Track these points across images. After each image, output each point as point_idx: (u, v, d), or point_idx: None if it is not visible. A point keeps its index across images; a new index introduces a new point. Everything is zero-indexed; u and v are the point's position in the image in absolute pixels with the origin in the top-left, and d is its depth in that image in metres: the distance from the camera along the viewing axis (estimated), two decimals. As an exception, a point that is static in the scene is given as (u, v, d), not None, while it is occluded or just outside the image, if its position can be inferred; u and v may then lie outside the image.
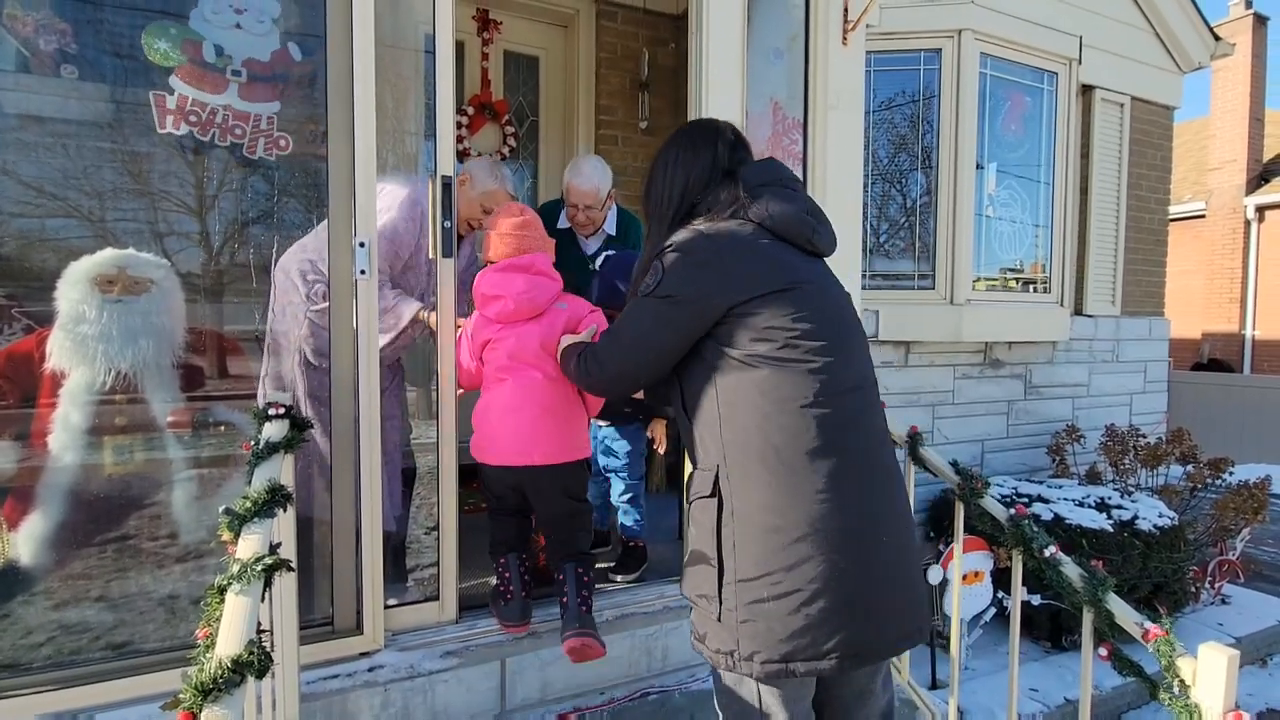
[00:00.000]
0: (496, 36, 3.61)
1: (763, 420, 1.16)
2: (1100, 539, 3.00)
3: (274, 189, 1.95)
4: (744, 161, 1.35)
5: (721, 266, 1.20)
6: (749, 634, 1.14)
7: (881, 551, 1.16)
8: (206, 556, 1.80)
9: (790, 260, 1.24)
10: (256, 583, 1.06)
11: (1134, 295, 4.39)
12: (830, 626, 1.12)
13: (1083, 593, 1.48)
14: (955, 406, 3.75)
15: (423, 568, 2.21)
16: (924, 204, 3.61)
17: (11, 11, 1.71)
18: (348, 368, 1.80)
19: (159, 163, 1.78)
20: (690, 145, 1.35)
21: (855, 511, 1.15)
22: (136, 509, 1.74)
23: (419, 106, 2.16)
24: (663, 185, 1.35)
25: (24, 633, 1.61)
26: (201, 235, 1.88)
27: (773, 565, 1.13)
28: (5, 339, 1.81)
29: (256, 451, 1.36)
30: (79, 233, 1.75)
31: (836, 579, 1.12)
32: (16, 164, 1.70)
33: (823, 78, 2.41)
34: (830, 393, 1.17)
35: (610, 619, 2.08)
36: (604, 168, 2.57)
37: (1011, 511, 1.66)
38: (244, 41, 1.78)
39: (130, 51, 1.72)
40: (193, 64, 1.74)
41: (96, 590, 1.70)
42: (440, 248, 1.89)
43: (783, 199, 1.27)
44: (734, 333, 1.20)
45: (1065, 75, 3.88)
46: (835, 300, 1.28)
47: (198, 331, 1.82)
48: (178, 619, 1.74)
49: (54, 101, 1.74)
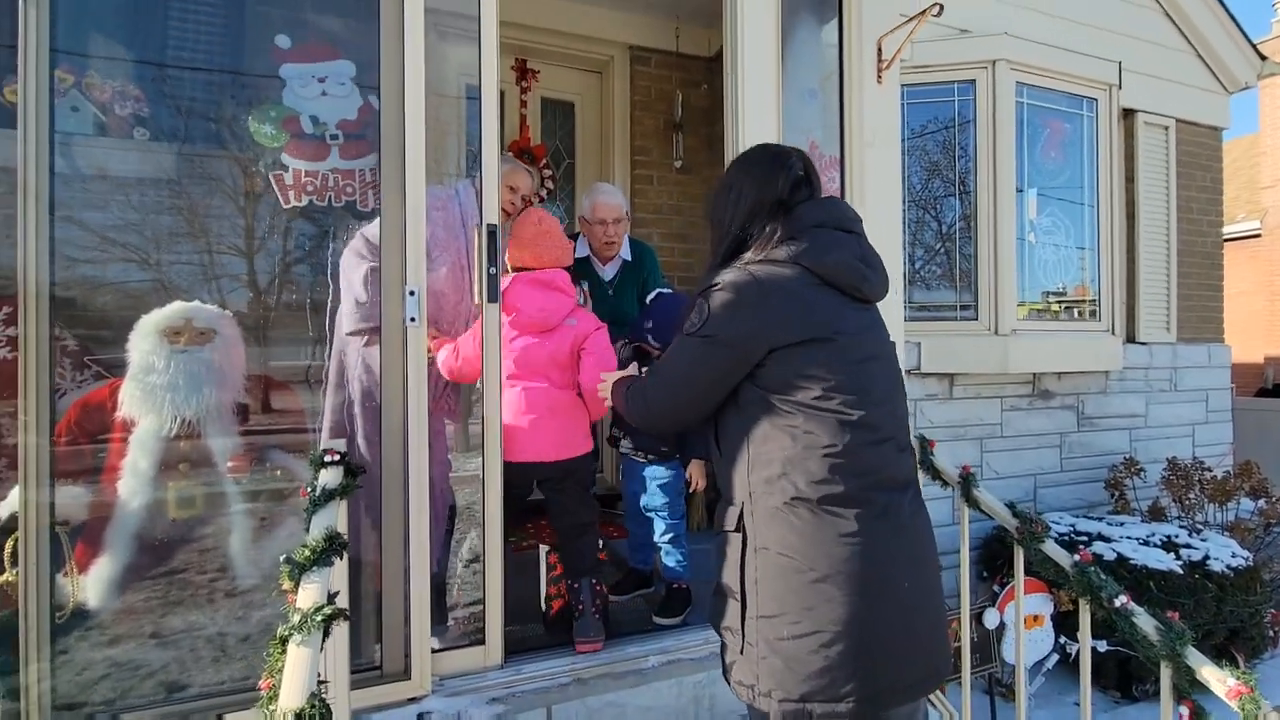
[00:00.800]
0: (534, 85, 3.74)
1: (790, 464, 1.17)
2: (1169, 581, 2.84)
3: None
4: (808, 196, 1.32)
5: (765, 311, 1.21)
6: (768, 670, 1.16)
7: (903, 596, 1.17)
8: (260, 595, 1.83)
9: (835, 308, 1.24)
10: (316, 633, 1.08)
11: (1190, 321, 4.23)
12: (848, 669, 1.12)
13: (1160, 646, 1.40)
14: (1004, 440, 3.64)
15: (463, 606, 2.22)
16: (960, 230, 3.56)
17: (90, 81, 1.86)
18: (397, 413, 1.84)
19: (293, 228, 1.94)
20: (757, 174, 1.33)
21: (877, 558, 1.16)
22: (198, 551, 1.79)
23: (459, 148, 2.27)
24: (725, 206, 1.34)
25: (91, 673, 1.66)
26: (304, 285, 2.00)
27: (793, 605, 1.14)
28: (74, 385, 1.91)
29: (313, 498, 1.40)
30: (183, 287, 1.88)
31: (856, 623, 1.13)
32: (150, 225, 1.85)
33: (858, 116, 2.42)
34: (861, 443, 1.18)
35: (656, 665, 2.04)
36: (618, 190, 2.74)
37: (1075, 558, 1.59)
38: (332, 106, 1.90)
39: (247, 137, 1.87)
40: (296, 138, 1.86)
41: (157, 630, 1.74)
42: (486, 293, 1.94)
43: (834, 244, 1.26)
44: (771, 376, 1.21)
45: (1105, 100, 3.82)
46: (876, 351, 1.27)
47: (260, 378, 1.89)
48: (235, 659, 1.77)
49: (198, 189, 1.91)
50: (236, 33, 1.99)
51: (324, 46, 1.98)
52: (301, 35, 1.96)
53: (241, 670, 1.77)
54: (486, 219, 1.94)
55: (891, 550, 1.18)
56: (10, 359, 2.14)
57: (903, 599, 1.17)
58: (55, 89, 1.67)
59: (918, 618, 1.19)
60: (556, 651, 2.08)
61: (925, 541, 1.25)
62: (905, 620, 1.17)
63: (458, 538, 2.34)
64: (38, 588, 1.55)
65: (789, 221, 1.27)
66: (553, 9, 3.55)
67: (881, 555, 1.16)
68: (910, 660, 1.17)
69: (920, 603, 1.20)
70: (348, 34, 2.00)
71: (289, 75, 1.93)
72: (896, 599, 1.16)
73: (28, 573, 1.54)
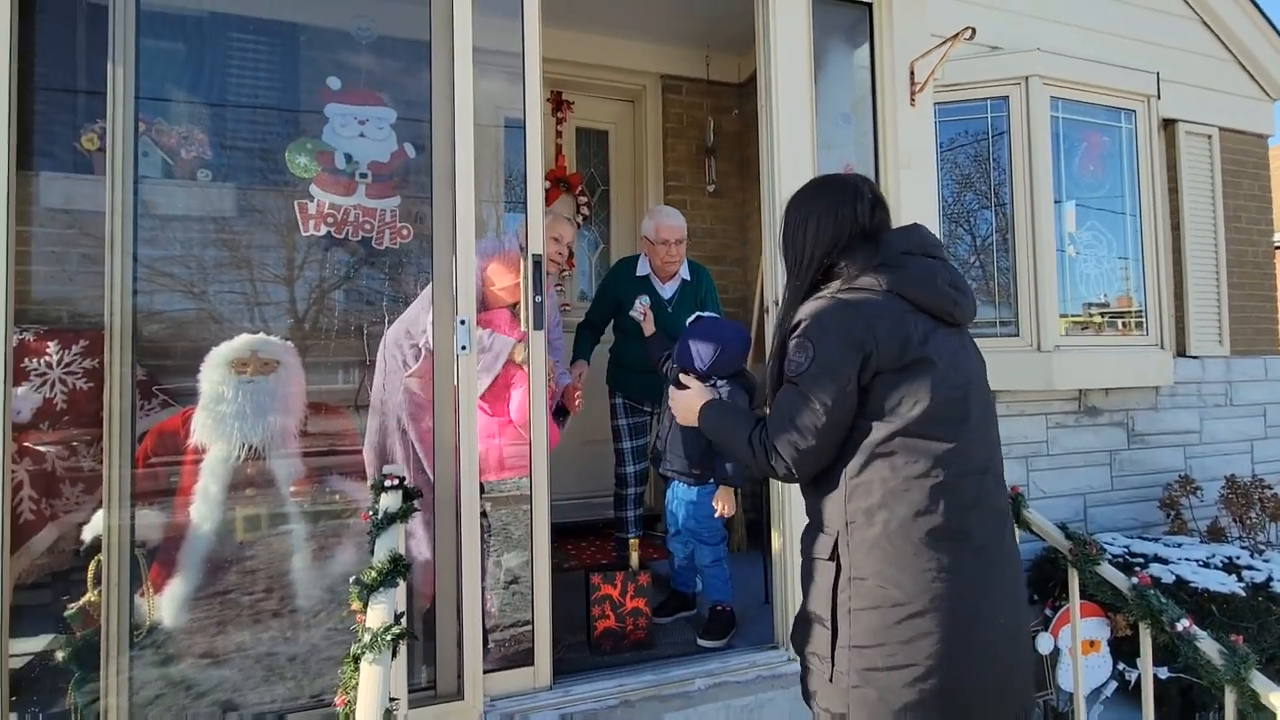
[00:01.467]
0: (569, 115, 3.86)
1: (891, 495, 1.16)
2: (1231, 604, 2.72)
3: (399, 272, 2.17)
4: (885, 222, 1.32)
5: (869, 336, 1.19)
6: (859, 700, 1.15)
7: (997, 633, 1.16)
8: (321, 614, 1.90)
9: (928, 332, 1.22)
10: (386, 651, 1.12)
11: (1244, 333, 4.09)
12: (942, 705, 1.12)
13: (1224, 670, 1.36)
14: (1050, 458, 3.55)
15: (503, 629, 2.25)
16: (996, 243, 3.53)
17: (162, 129, 2.01)
18: (449, 438, 1.91)
19: (307, 257, 2.03)
20: (831, 204, 1.31)
21: (974, 594, 1.15)
22: (264, 572, 1.87)
23: (497, 176, 2.38)
24: (802, 239, 1.31)
25: (168, 690, 1.73)
26: (337, 315, 2.11)
27: (889, 638, 1.13)
28: (145, 414, 2.03)
29: (376, 522, 1.46)
30: (229, 317, 2.00)
31: (951, 659, 1.12)
32: (177, 261, 1.97)
33: (892, 139, 2.45)
34: (959, 473, 1.17)
35: (703, 688, 2.04)
36: (676, 212, 2.82)
37: (1134, 580, 1.55)
38: (367, 147, 2.01)
39: (278, 166, 1.98)
40: (326, 172, 1.98)
41: (226, 649, 1.82)
42: (532, 321, 2.01)
43: (924, 270, 1.26)
44: (871, 402, 1.20)
45: (1144, 112, 3.77)
46: (970, 376, 1.25)
47: (318, 405, 1.98)
48: (298, 679, 1.83)
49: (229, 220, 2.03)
50: (291, 75, 2.13)
51: (370, 92, 2.10)
52: (351, 79, 2.09)
53: (293, 689, 1.82)
54: (532, 249, 2.01)
55: (989, 585, 1.17)
56: (85, 390, 2.28)
57: (997, 635, 1.16)
58: (138, 136, 1.80)
59: (1010, 654, 1.18)
60: (603, 673, 2.09)
61: (1019, 575, 1.25)
62: (998, 657, 1.16)
63: (494, 559, 2.39)
64: (119, 607, 1.64)
65: (877, 249, 1.26)
66: (586, 43, 3.67)
67: (980, 590, 1.16)
68: (1002, 697, 1.17)
69: (1013, 638, 1.19)
70: (394, 80, 2.13)
71: (332, 114, 2.05)
72: (992, 635, 1.16)
73: (109, 593, 1.63)
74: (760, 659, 2.17)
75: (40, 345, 2.20)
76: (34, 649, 1.86)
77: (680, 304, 2.82)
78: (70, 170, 2.31)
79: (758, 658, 2.18)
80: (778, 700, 2.06)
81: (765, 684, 2.08)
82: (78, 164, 2.32)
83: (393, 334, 2.14)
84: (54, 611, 1.90)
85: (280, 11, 2.07)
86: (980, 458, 1.21)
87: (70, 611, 1.70)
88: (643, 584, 2.30)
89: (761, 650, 2.23)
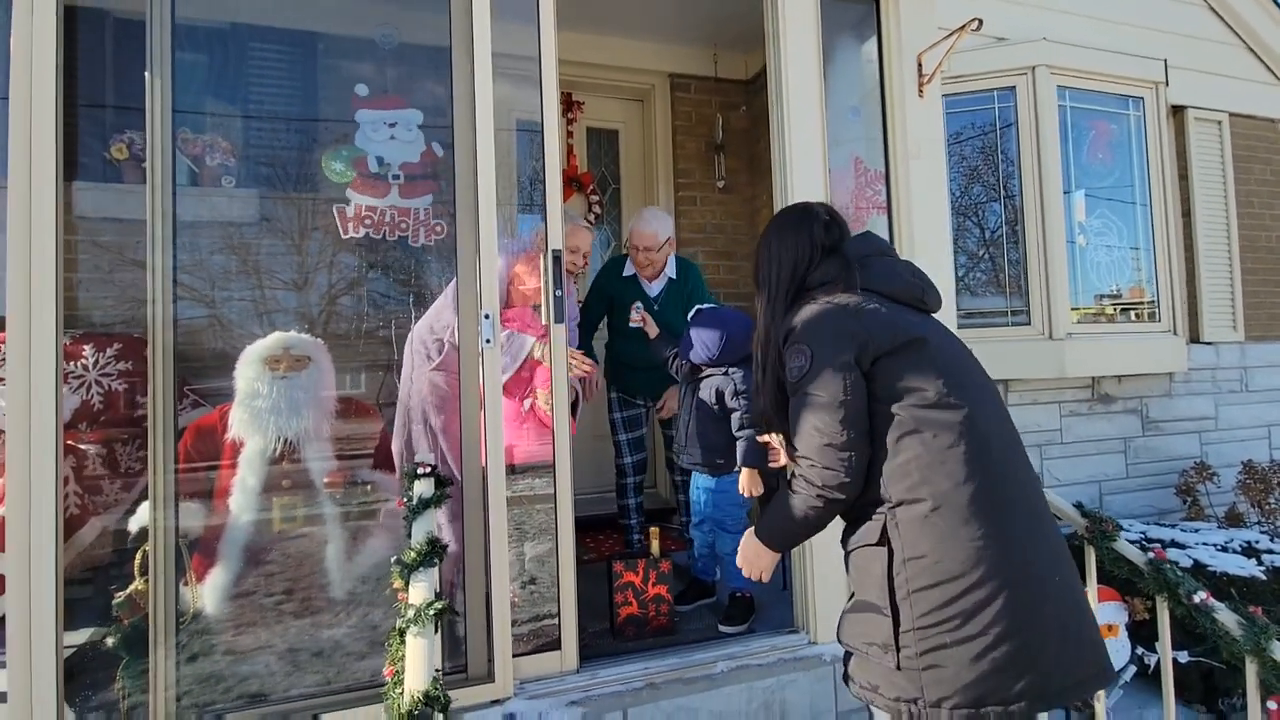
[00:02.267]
0: (579, 115, 3.92)
1: (929, 470, 1.19)
2: (1252, 587, 2.73)
3: (435, 268, 2.25)
4: (843, 237, 1.43)
5: (858, 325, 1.26)
6: (934, 680, 1.14)
7: (1054, 591, 1.17)
8: (352, 603, 1.96)
9: (910, 318, 1.31)
10: (429, 625, 1.18)
11: (1259, 319, 4.08)
12: (1017, 669, 1.12)
13: (1243, 641, 1.39)
14: (1064, 446, 3.56)
15: (524, 622, 2.30)
16: (1006, 234, 3.55)
17: (205, 139, 2.08)
18: (475, 429, 1.96)
19: (346, 259, 2.11)
20: (790, 230, 1.44)
21: (1027, 555, 1.17)
22: (300, 561, 1.94)
23: (512, 178, 2.43)
24: (769, 268, 1.43)
25: (213, 674, 1.81)
26: (376, 312, 2.18)
27: (952, 611, 1.14)
28: (177, 413, 2.10)
29: (411, 507, 1.52)
30: (269, 318, 2.08)
31: (1018, 623, 1.13)
32: (222, 263, 2.05)
33: (901, 130, 2.49)
34: (984, 437, 1.21)
35: (725, 670, 2.09)
36: (663, 216, 2.85)
37: (1150, 555, 1.59)
38: (398, 149, 2.09)
39: (314, 173, 2.06)
40: (361, 176, 2.05)
41: (268, 635, 1.89)
42: (553, 315, 2.06)
43: (886, 267, 1.37)
44: (880, 387, 1.24)
45: (1152, 99, 3.78)
46: (962, 351, 1.33)
47: (351, 400, 2.05)
48: (334, 662, 1.90)
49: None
50: (321, 83, 2.20)
51: (396, 96, 2.18)
52: (378, 85, 2.16)
53: (331, 671, 1.89)
54: (552, 245, 2.07)
55: (1037, 544, 1.19)
56: (120, 391, 2.36)
57: (1055, 594, 1.17)
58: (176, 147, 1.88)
59: (1073, 612, 1.19)
60: (627, 658, 2.14)
61: (1059, 532, 1.26)
62: (1062, 615, 1.17)
63: (518, 548, 2.44)
64: (164, 594, 1.71)
65: (839, 260, 1.37)
66: (595, 45, 3.73)
67: (1031, 550, 1.17)
68: (1078, 657, 1.17)
69: (1071, 597, 1.21)
70: (418, 84, 2.20)
71: (363, 120, 2.12)
72: (1050, 594, 1.17)
73: (156, 581, 1.70)
74: (781, 642, 2.22)
75: (77, 348, 2.29)
76: (80, 640, 1.94)
77: (667, 303, 2.88)
78: (101, 180, 2.40)
79: (778, 641, 2.22)
80: (799, 682, 2.10)
81: (787, 666, 2.12)
82: (107, 174, 2.41)
83: (418, 330, 2.20)
84: (96, 604, 1.98)
85: (306, 22, 2.15)
86: (998, 425, 1.25)
87: (119, 600, 1.77)
88: (664, 571, 2.35)
89: (782, 634, 2.27)
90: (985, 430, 1.22)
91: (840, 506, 1.26)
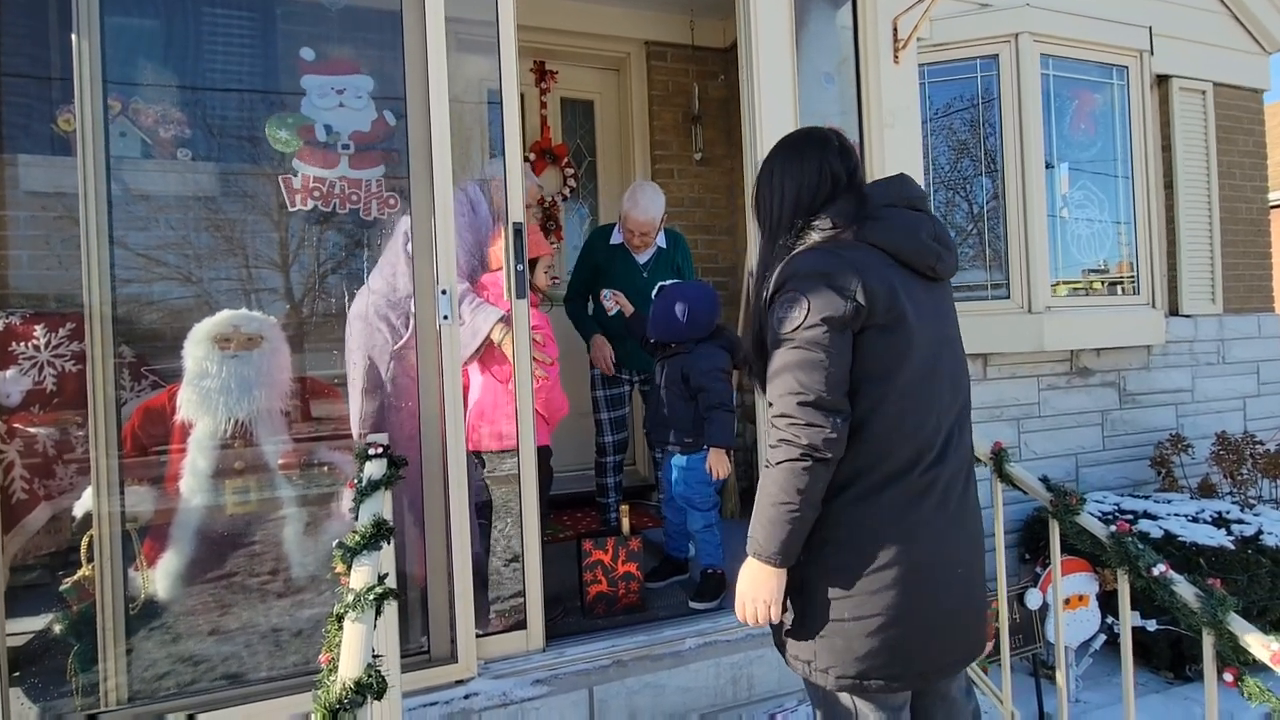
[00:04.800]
0: (553, 85, 3.81)
1: (857, 448, 1.16)
2: (1221, 557, 2.76)
3: (388, 243, 2.15)
4: (855, 168, 1.28)
5: (855, 284, 1.15)
6: (826, 649, 1.20)
7: (957, 583, 1.22)
8: (312, 584, 1.93)
9: (908, 288, 1.19)
10: (369, 610, 1.14)
11: (1237, 291, 4.08)
12: (904, 653, 1.18)
13: (1201, 614, 1.38)
14: (1042, 419, 3.57)
15: (505, 599, 2.29)
16: (991, 209, 3.51)
17: (137, 106, 1.98)
18: (435, 404, 1.92)
19: (294, 233, 2.01)
20: (796, 153, 1.28)
21: (941, 544, 1.20)
22: (254, 545, 1.90)
23: (483, 151, 2.34)
24: (770, 197, 1.28)
25: (164, 660, 1.77)
26: (326, 289, 2.10)
27: (859, 590, 1.17)
28: (135, 395, 2.04)
29: (360, 489, 1.47)
30: (215, 295, 2.00)
31: (914, 610, 1.18)
32: (153, 239, 1.96)
33: (875, 97, 2.42)
34: (926, 428, 1.19)
35: (694, 647, 2.08)
36: (658, 197, 2.75)
37: (1112, 528, 1.57)
38: (348, 117, 2.00)
39: (259, 141, 1.96)
40: (309, 146, 1.96)
41: (220, 620, 1.85)
42: (514, 289, 2.00)
43: (906, 222, 1.23)
44: (855, 360, 1.17)
45: (1136, 68, 3.71)
46: (945, 334, 1.27)
47: (307, 379, 1.99)
48: (306, 646, 1.87)
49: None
50: (267, 49, 2.09)
51: (345, 61, 2.07)
52: (325, 49, 2.05)
53: (286, 656, 1.86)
54: (512, 217, 2.00)
55: (952, 537, 1.21)
56: (74, 372, 2.28)
57: (957, 586, 1.22)
58: (108, 116, 1.78)
59: (967, 603, 1.24)
60: (596, 635, 2.13)
61: (979, 528, 1.29)
62: (957, 606, 1.22)
63: (496, 536, 2.41)
64: (112, 580, 1.67)
65: (860, 202, 1.23)
66: (567, 10, 3.61)
67: (945, 543, 1.20)
68: (956, 644, 1.24)
69: (971, 589, 1.25)
70: (369, 49, 2.09)
71: (309, 86, 2.02)
72: (952, 586, 1.21)
73: (102, 566, 1.66)
74: (750, 619, 2.21)
75: (27, 329, 2.20)
76: (36, 626, 1.89)
77: (656, 270, 2.84)
78: (49, 152, 2.28)
79: (748, 618, 2.21)
80: (767, 657, 2.10)
81: (755, 642, 2.11)
82: (56, 146, 2.30)
83: (365, 307, 2.11)
84: (54, 590, 1.93)
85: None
86: (953, 412, 1.23)
87: (65, 586, 1.73)
88: (634, 549, 2.33)
89: (752, 611, 2.26)
90: (939, 420, 1.20)
91: (828, 472, 1.14)
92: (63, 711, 1.71)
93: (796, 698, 2.10)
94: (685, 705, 2.01)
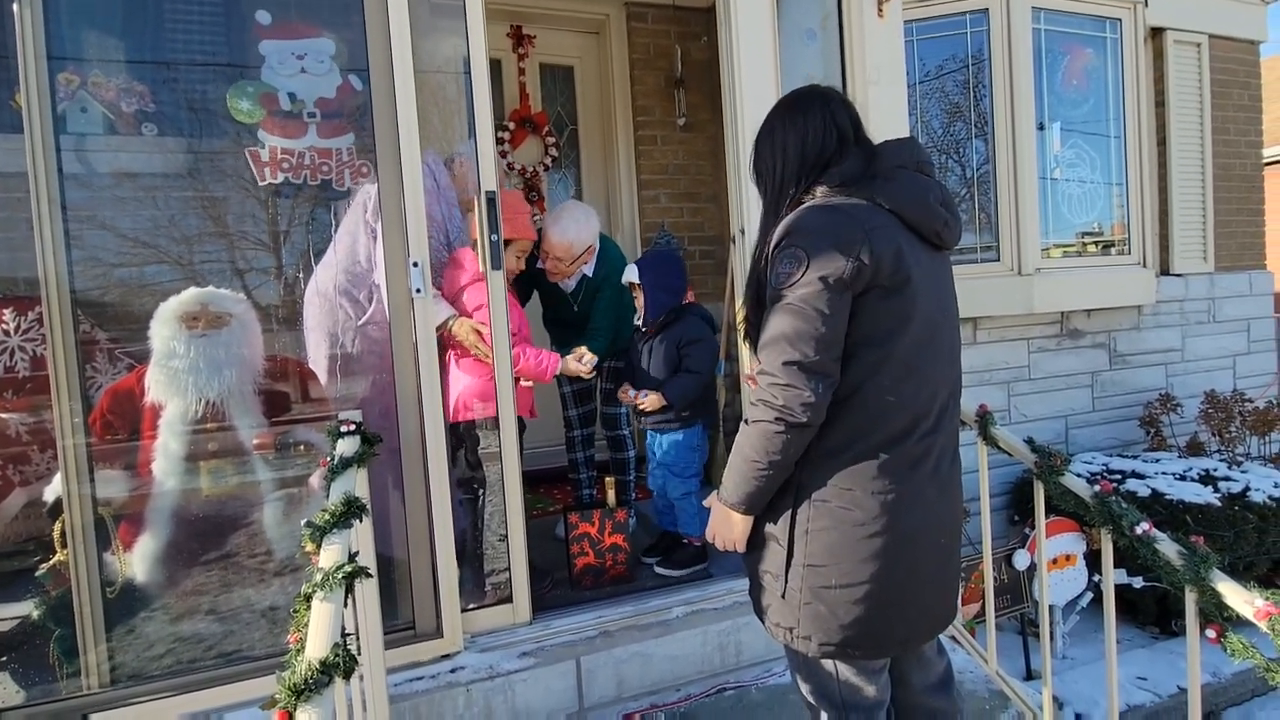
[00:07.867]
0: (531, 51, 3.69)
1: (852, 412, 1.14)
2: (1207, 514, 2.77)
3: (347, 214, 2.07)
4: (857, 124, 1.23)
5: (862, 243, 1.10)
6: (810, 616, 1.19)
7: (939, 553, 1.23)
8: (297, 568, 1.92)
9: (914, 253, 1.15)
10: (338, 589, 1.12)
11: (1228, 249, 4.04)
12: (885, 621, 1.18)
13: (1183, 571, 1.37)
14: (1032, 382, 3.56)
15: (496, 573, 2.28)
16: (983, 174, 3.44)
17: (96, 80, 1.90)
18: (410, 380, 1.88)
19: (265, 207, 1.95)
20: (797, 109, 1.23)
21: (929, 513, 1.19)
22: (231, 526, 1.88)
23: (463, 123, 2.26)
24: (771, 156, 1.23)
25: (145, 644, 1.76)
26: (304, 266, 2.04)
27: (845, 557, 1.16)
28: (110, 378, 2.00)
29: (332, 467, 1.44)
30: (185, 273, 1.94)
31: (897, 580, 1.17)
32: (130, 218, 1.89)
33: (860, 54, 2.34)
34: (923, 395, 1.17)
35: (681, 615, 2.08)
36: (586, 224, 2.42)
37: (1096, 488, 1.56)
38: (311, 84, 1.91)
39: (220, 113, 1.87)
40: (272, 116, 1.87)
41: (199, 602, 1.84)
42: (490, 261, 1.95)
43: (916, 186, 1.18)
44: (855, 323, 1.13)
45: (1130, 20, 3.61)
46: (943, 301, 1.23)
47: (280, 357, 1.95)
48: (277, 627, 1.86)
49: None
50: (223, 15, 1.99)
51: (304, 24, 1.97)
52: (282, 12, 1.95)
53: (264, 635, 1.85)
54: (485, 186, 1.94)
55: (938, 508, 1.21)
56: (46, 356, 2.24)
57: (939, 555, 1.22)
58: (58, 91, 1.70)
59: (946, 570, 1.26)
60: (583, 607, 2.13)
61: (960, 497, 1.30)
62: (937, 574, 1.23)
63: (490, 510, 2.39)
64: (87, 566, 1.65)
65: (863, 158, 1.19)
66: (544, -31, 3.48)
67: (932, 512, 1.19)
68: (935, 611, 1.26)
69: (950, 557, 1.26)
70: (327, 10, 2.00)
71: (268, 52, 1.92)
72: (935, 556, 1.21)
73: (76, 551, 1.63)
74: (738, 586, 2.21)
75: (-4, 313, 2.15)
76: (18, 612, 1.88)
77: (587, 297, 2.58)
78: (11, 130, 2.20)
79: (735, 585, 2.21)
80: (754, 624, 2.10)
81: (742, 609, 2.12)
82: (14, 124, 2.21)
83: (326, 283, 2.03)
84: (34, 575, 1.92)
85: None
86: (943, 382, 1.21)
87: (42, 572, 1.71)
88: (620, 520, 2.32)
89: (739, 578, 2.26)
90: (929, 389, 1.18)
91: (806, 435, 1.11)
92: (47, 696, 1.70)
93: (784, 663, 2.11)
94: (673, 673, 2.02)
